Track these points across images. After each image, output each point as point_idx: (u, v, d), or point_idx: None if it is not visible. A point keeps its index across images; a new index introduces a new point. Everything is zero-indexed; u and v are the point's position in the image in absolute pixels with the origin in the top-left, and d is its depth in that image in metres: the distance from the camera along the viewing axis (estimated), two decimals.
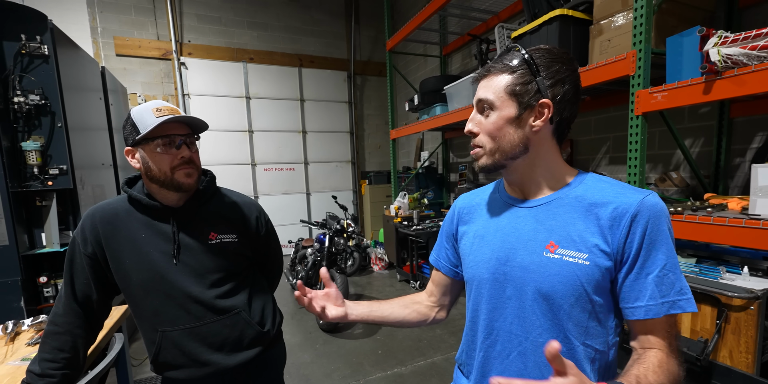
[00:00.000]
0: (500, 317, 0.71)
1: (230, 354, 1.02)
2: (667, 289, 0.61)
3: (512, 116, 0.67)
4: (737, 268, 1.50)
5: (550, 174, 0.72)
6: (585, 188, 0.69)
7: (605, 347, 0.66)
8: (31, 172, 2.06)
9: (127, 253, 0.96)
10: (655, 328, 0.62)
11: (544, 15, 2.14)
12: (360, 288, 4.14)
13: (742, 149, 2.07)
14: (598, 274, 0.63)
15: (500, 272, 0.71)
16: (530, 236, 0.69)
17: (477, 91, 0.72)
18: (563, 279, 0.64)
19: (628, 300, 0.63)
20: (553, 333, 0.66)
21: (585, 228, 0.65)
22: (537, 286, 0.66)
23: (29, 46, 2.01)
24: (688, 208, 1.59)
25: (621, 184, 0.68)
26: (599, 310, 0.65)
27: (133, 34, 4.93)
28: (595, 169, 2.88)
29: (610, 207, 0.64)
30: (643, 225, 0.62)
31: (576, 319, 0.65)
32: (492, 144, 0.69)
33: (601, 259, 0.63)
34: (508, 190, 0.78)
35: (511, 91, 0.67)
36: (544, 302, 0.66)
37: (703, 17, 1.92)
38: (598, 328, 0.65)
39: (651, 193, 0.65)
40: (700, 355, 1.33)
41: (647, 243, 0.62)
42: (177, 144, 0.94)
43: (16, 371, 1.15)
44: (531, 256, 0.68)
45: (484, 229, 0.77)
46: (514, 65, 0.68)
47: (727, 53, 1.33)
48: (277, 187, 5.93)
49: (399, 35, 4.17)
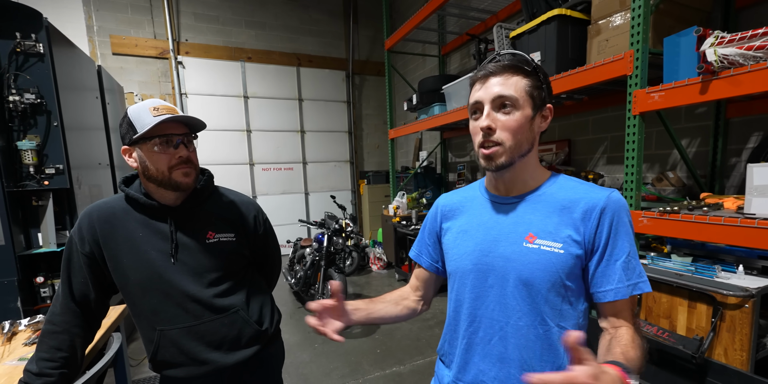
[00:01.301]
0: (482, 305, 0.77)
1: (228, 352, 1.02)
2: (631, 273, 0.70)
3: (530, 116, 0.73)
4: (732, 267, 1.51)
5: (532, 172, 0.78)
6: (559, 186, 0.77)
7: (576, 329, 0.72)
8: (27, 172, 2.05)
9: (125, 253, 0.96)
10: (623, 308, 0.70)
11: (543, 15, 2.14)
12: (359, 287, 4.14)
13: (738, 149, 2.09)
14: (571, 262, 0.70)
15: (483, 263, 0.77)
16: (511, 229, 0.76)
17: (489, 87, 0.73)
18: (541, 266, 0.71)
19: (600, 284, 0.70)
20: (531, 316, 0.72)
21: (560, 221, 0.72)
22: (518, 273, 0.73)
23: (24, 44, 2.00)
24: (685, 208, 1.60)
25: (589, 184, 0.77)
26: (571, 294, 0.72)
27: (130, 33, 4.91)
28: (593, 169, 2.89)
29: (582, 202, 0.72)
30: (610, 217, 0.70)
31: (552, 302, 0.71)
32: (512, 141, 0.72)
33: (573, 248, 0.70)
34: (490, 188, 0.84)
35: (530, 93, 0.72)
36: (524, 288, 0.72)
37: (700, 17, 1.93)
38: (570, 311, 0.72)
39: (614, 190, 0.73)
40: (695, 353, 1.34)
41: (614, 233, 0.70)
42: (175, 143, 0.94)
43: (13, 371, 1.14)
44: (512, 247, 0.74)
45: (467, 225, 0.83)
46: (527, 69, 0.73)
47: (724, 53, 1.34)
48: (275, 186, 5.92)
49: (397, 35, 4.16)
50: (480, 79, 0.75)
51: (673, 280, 1.49)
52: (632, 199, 1.76)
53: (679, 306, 1.50)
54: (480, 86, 0.75)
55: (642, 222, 1.68)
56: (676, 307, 1.51)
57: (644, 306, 1.62)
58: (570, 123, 3.09)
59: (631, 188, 1.76)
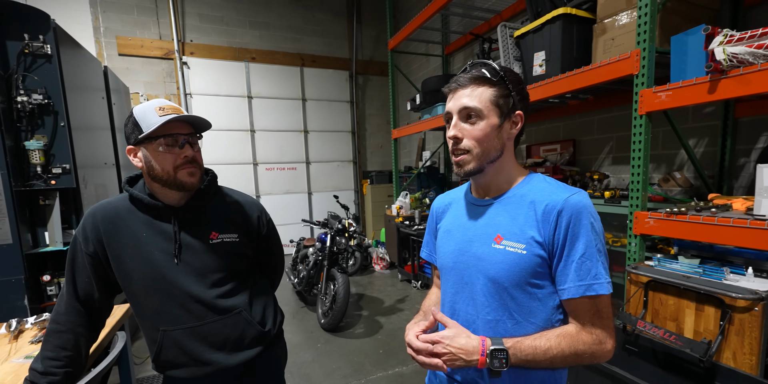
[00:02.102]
0: (460, 300, 0.83)
1: (231, 353, 1.02)
2: (584, 274, 0.71)
3: (496, 124, 0.77)
4: (741, 269, 1.48)
5: (507, 175, 0.82)
6: (529, 188, 0.80)
7: (548, 324, 0.76)
8: (34, 171, 2.07)
9: (129, 253, 0.96)
10: (578, 307, 0.73)
11: (547, 14, 2.13)
12: (361, 288, 4.14)
13: (746, 149, 2.06)
14: (533, 262, 0.73)
15: (460, 261, 0.83)
16: (483, 230, 0.81)
17: (457, 99, 0.78)
18: (506, 266, 0.75)
19: (559, 283, 0.74)
20: (499, 312, 0.77)
21: (525, 222, 0.76)
22: (486, 272, 0.78)
23: (32, 45, 2.02)
24: (692, 209, 1.58)
25: (558, 184, 0.79)
26: (538, 292, 0.75)
27: (136, 34, 4.94)
28: (598, 169, 2.87)
29: (543, 204, 0.75)
30: (566, 219, 0.72)
31: (518, 299, 0.76)
32: (479, 149, 0.77)
33: (536, 248, 0.74)
34: (473, 191, 0.89)
35: (495, 102, 0.77)
36: (492, 286, 0.77)
37: (708, 16, 1.91)
38: (540, 307, 0.75)
39: (578, 191, 0.76)
40: (703, 357, 1.32)
41: (570, 234, 0.72)
42: (180, 143, 0.94)
43: (19, 369, 1.15)
44: (483, 248, 0.79)
45: (452, 225, 0.89)
46: (493, 80, 0.77)
47: (733, 52, 1.32)
48: (278, 186, 5.94)
49: (401, 34, 4.16)
50: (452, 91, 0.80)
51: (680, 282, 1.47)
52: (638, 200, 1.74)
53: (686, 308, 1.48)
54: (451, 97, 0.80)
55: (648, 223, 1.67)
56: (684, 310, 1.49)
57: (650, 308, 1.60)
58: (575, 123, 3.07)
59: (637, 189, 1.74)
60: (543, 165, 3.10)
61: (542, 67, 2.26)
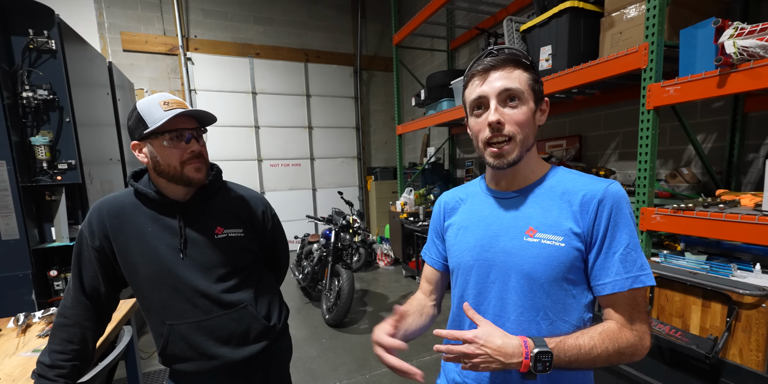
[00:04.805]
0: (485, 301, 0.76)
1: (237, 348, 1.03)
2: (630, 266, 0.67)
3: (533, 109, 0.72)
4: (749, 266, 1.47)
5: (533, 166, 0.78)
6: (558, 179, 0.76)
7: (581, 323, 0.72)
8: (40, 167, 2.09)
9: (135, 247, 0.97)
10: (617, 302, 0.68)
11: (554, 7, 2.10)
12: (366, 284, 4.16)
13: (756, 145, 2.03)
14: (572, 255, 0.69)
15: (484, 258, 0.77)
16: (511, 223, 0.75)
17: (492, 82, 0.71)
18: (543, 260, 0.70)
19: (599, 277, 0.69)
20: (532, 312, 0.71)
21: (559, 214, 0.71)
22: (519, 268, 0.72)
23: (37, 41, 2.02)
24: (700, 205, 1.56)
25: (588, 176, 0.75)
26: (574, 287, 0.71)
27: (140, 30, 4.94)
28: (605, 165, 2.84)
29: (580, 194, 0.71)
30: (608, 209, 0.68)
31: (555, 296, 0.71)
32: (521, 135, 0.71)
33: (574, 240, 0.69)
34: (490, 183, 0.83)
35: (532, 86, 0.72)
36: (525, 283, 0.71)
37: (718, 8, 1.87)
38: (574, 304, 0.71)
39: (613, 181, 0.72)
40: (709, 353, 1.31)
41: (612, 224, 0.68)
42: (186, 138, 0.94)
43: (27, 362, 1.17)
44: (513, 242, 0.74)
45: (468, 221, 0.83)
46: (527, 63, 0.72)
47: (743, 45, 1.29)
48: (283, 182, 5.95)
49: (406, 29, 4.12)
50: (479, 74, 0.72)
51: (686, 278, 1.45)
52: (645, 196, 1.72)
53: (692, 305, 1.47)
54: (480, 81, 0.72)
55: (655, 219, 1.65)
56: (690, 306, 1.48)
57: (656, 304, 1.59)
58: (581, 118, 3.03)
59: (644, 184, 1.72)
60: (549, 161, 3.08)
61: (548, 61, 2.24)
